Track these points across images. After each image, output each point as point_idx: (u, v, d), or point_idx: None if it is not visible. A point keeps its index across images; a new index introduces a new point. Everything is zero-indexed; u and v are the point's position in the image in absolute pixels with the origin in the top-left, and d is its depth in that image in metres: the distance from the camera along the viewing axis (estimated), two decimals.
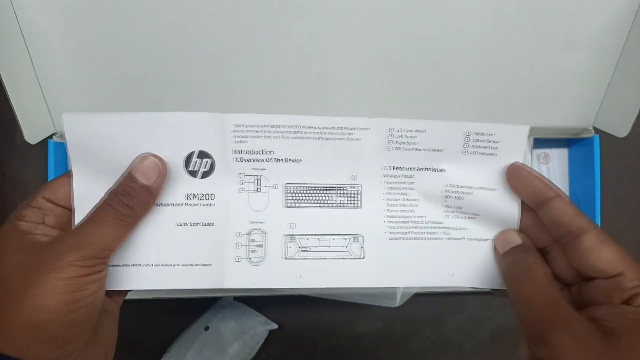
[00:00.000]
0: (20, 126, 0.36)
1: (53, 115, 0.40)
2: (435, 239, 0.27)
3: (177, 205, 0.25)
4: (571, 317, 0.22)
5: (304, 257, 0.26)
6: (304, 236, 0.26)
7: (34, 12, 0.36)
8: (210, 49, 0.39)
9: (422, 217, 0.27)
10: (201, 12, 0.37)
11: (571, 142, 0.48)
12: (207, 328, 0.48)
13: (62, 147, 0.42)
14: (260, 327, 0.49)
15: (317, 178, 0.26)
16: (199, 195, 0.25)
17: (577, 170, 0.47)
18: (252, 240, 0.26)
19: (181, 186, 0.25)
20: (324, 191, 0.26)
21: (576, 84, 0.42)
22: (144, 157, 0.24)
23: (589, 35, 0.40)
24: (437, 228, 0.27)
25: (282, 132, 0.25)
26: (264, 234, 0.26)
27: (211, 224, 0.25)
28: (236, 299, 0.49)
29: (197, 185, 0.25)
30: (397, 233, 0.27)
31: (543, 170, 0.48)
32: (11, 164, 0.45)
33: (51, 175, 0.41)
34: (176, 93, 0.40)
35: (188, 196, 0.25)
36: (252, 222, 0.26)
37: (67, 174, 0.26)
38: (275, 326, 0.49)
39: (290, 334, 0.49)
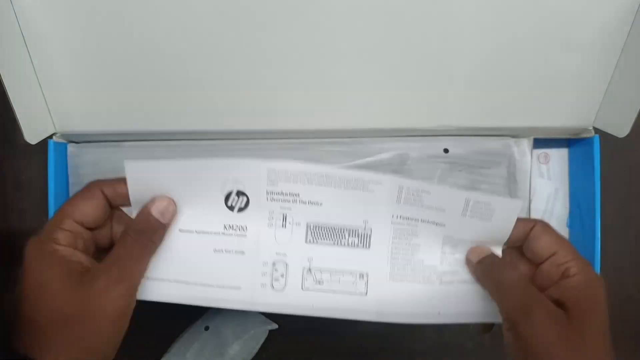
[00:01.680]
0: (20, 126, 0.36)
1: (53, 115, 0.40)
2: (429, 283, 0.31)
3: (215, 233, 0.30)
4: (541, 299, 0.27)
5: (318, 290, 0.30)
6: (319, 270, 0.30)
7: (34, 13, 0.36)
8: (211, 50, 0.39)
9: (420, 260, 0.31)
10: (202, 13, 0.37)
11: (571, 142, 0.48)
12: (207, 328, 0.48)
13: (62, 147, 0.42)
14: (260, 327, 0.49)
15: (335, 219, 0.30)
16: (235, 227, 0.29)
17: (577, 170, 0.47)
18: (276, 270, 0.30)
19: (220, 218, 0.29)
20: (339, 231, 0.30)
21: (576, 84, 0.42)
22: (161, 198, 0.29)
23: (589, 35, 0.40)
24: (432, 272, 0.31)
25: (307, 178, 0.29)
26: (286, 266, 0.30)
27: (242, 253, 0.30)
28: None
29: (234, 218, 0.29)
30: (397, 274, 0.31)
31: (543, 170, 0.48)
32: (11, 164, 0.45)
33: (51, 176, 0.41)
34: (177, 94, 0.40)
35: (225, 227, 0.30)
36: (277, 254, 0.30)
37: (89, 194, 0.28)
38: (275, 326, 0.49)
39: (290, 334, 0.49)
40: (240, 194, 0.29)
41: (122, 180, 0.28)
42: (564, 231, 0.48)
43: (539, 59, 0.41)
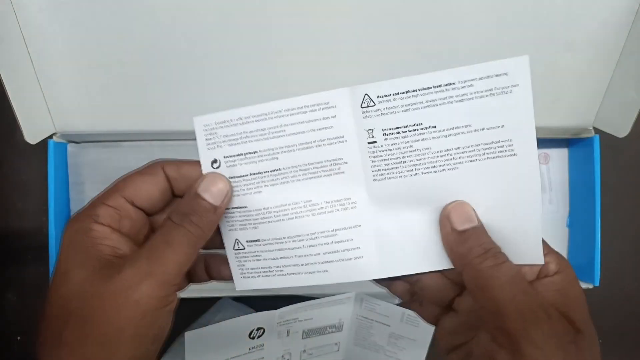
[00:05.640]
0: (20, 126, 0.36)
1: (53, 115, 0.40)
2: (377, 353, 0.46)
3: (242, 355, 0.41)
4: (547, 311, 0.21)
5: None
6: (311, 348, 0.45)
7: (34, 13, 0.36)
8: (211, 50, 0.39)
9: (374, 341, 0.45)
10: (201, 14, 0.37)
11: (571, 142, 0.48)
12: None
13: (62, 147, 0.42)
14: None
15: (320, 324, 0.44)
16: (256, 346, 0.41)
17: (577, 170, 0.47)
18: (284, 357, 0.44)
19: (245, 344, 0.41)
20: (323, 328, 0.44)
21: (576, 84, 0.42)
22: (213, 177, 0.24)
23: (589, 35, 0.40)
24: (380, 349, 0.45)
25: (304, 308, 0.41)
26: (290, 354, 0.44)
27: (263, 358, 0.43)
28: (236, 299, 0.49)
29: (255, 342, 0.41)
30: (359, 343, 0.46)
31: (543, 170, 0.48)
32: (11, 164, 0.45)
33: (51, 176, 0.41)
34: (176, 94, 0.40)
35: (249, 349, 0.41)
36: (284, 350, 0.43)
37: (149, 170, 0.24)
38: None
39: None
40: (259, 329, 0.40)
41: (189, 162, 0.24)
42: (564, 231, 0.48)
43: (539, 59, 0.41)
